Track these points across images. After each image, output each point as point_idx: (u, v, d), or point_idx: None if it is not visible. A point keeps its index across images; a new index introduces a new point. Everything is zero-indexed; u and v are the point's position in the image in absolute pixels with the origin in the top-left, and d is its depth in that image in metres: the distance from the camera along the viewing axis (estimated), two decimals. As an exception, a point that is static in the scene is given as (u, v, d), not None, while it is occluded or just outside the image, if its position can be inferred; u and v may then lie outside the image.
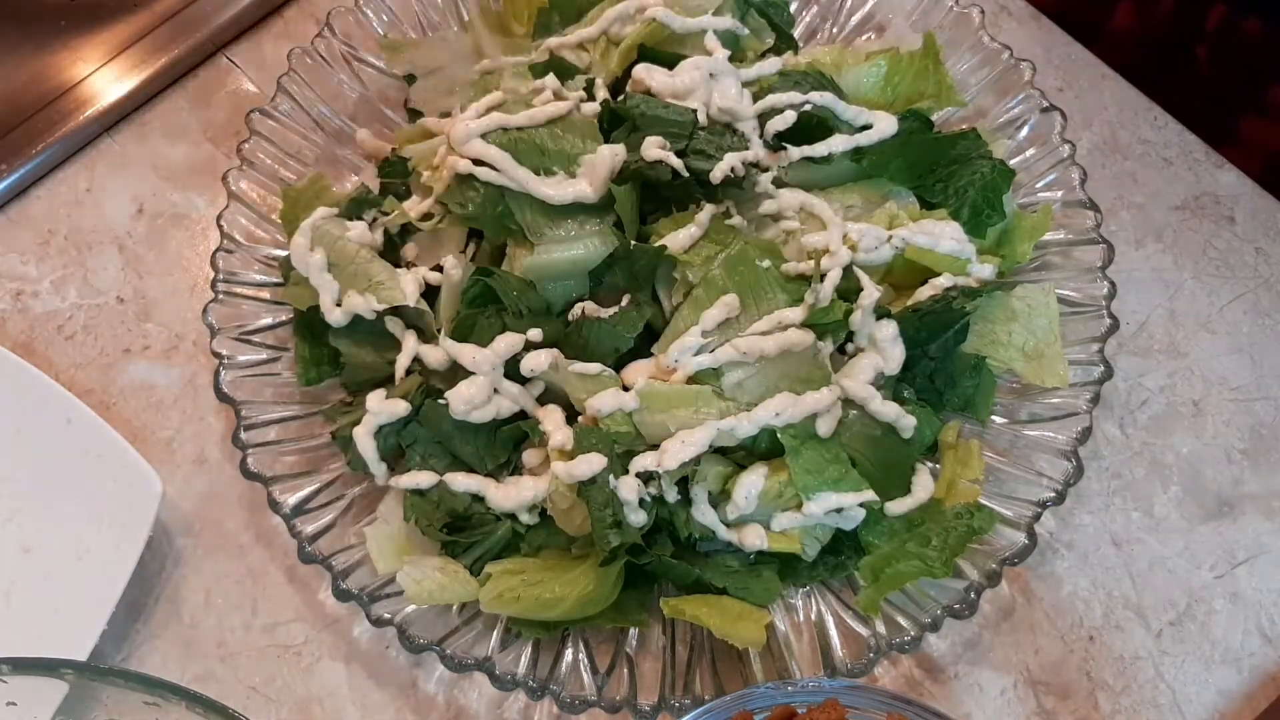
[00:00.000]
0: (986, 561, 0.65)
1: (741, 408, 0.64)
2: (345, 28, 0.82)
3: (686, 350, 0.65)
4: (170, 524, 0.72)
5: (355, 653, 0.69)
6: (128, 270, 0.81)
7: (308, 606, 0.70)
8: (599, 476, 0.62)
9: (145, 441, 0.75)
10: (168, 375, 0.78)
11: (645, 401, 0.64)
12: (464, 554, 0.66)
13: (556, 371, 0.66)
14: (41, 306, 0.80)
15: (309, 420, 0.72)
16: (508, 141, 0.67)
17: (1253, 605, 0.69)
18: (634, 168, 0.67)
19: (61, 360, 0.78)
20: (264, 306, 0.74)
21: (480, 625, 0.66)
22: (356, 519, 0.69)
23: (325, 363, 0.72)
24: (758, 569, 0.65)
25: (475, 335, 0.67)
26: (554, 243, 0.68)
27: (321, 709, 0.68)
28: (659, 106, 0.69)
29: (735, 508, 0.63)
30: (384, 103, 0.82)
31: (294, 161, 0.79)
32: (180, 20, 0.87)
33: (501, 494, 0.65)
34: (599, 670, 0.65)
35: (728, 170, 0.66)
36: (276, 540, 0.72)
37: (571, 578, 0.63)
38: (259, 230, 0.76)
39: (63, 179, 0.85)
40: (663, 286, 0.68)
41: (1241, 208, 0.81)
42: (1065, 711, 0.67)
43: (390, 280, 0.69)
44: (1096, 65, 0.86)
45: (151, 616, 0.70)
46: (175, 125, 0.86)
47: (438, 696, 0.68)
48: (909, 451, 0.66)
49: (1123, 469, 0.73)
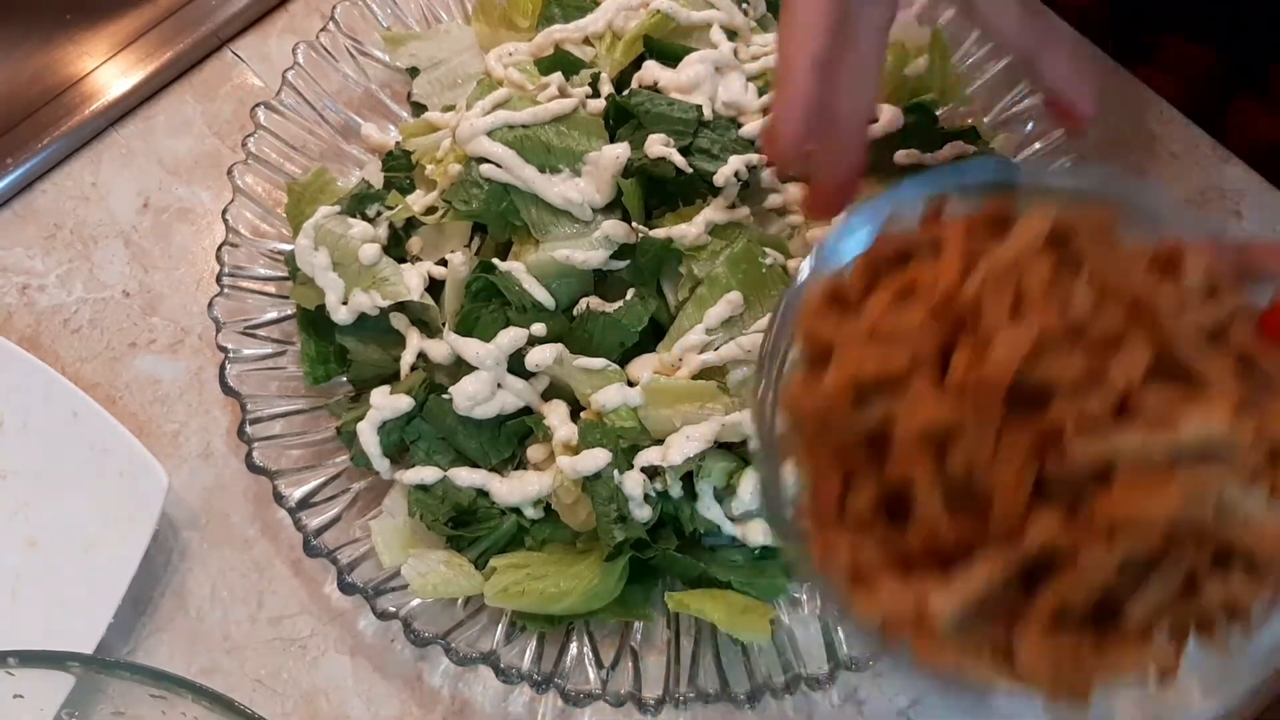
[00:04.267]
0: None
1: (746, 404, 0.64)
2: (350, 21, 0.81)
3: (691, 348, 0.65)
4: (176, 517, 0.73)
5: (361, 646, 0.69)
6: (133, 264, 0.81)
7: (313, 600, 0.71)
8: (604, 471, 0.62)
9: (151, 435, 0.75)
10: (173, 369, 0.78)
11: (650, 397, 0.64)
12: (469, 548, 0.66)
13: (561, 366, 0.66)
14: (47, 300, 0.80)
15: (314, 414, 0.72)
16: (513, 139, 0.67)
17: (1258, 600, 0.69)
18: (638, 165, 0.67)
19: (67, 354, 0.78)
20: (269, 301, 0.75)
21: (485, 619, 0.66)
22: (362, 513, 0.69)
23: (332, 360, 0.72)
24: (763, 564, 0.65)
25: (479, 330, 0.67)
26: (559, 239, 0.68)
27: (327, 702, 0.68)
28: (664, 103, 0.69)
29: (740, 503, 0.63)
30: (388, 96, 0.82)
31: (299, 155, 0.79)
32: (185, 14, 0.87)
33: (506, 489, 0.65)
34: (603, 664, 0.65)
35: (731, 175, 0.66)
36: (282, 534, 0.72)
37: (576, 572, 0.63)
38: (264, 224, 0.77)
39: (68, 173, 0.85)
40: (668, 281, 0.68)
41: (1248, 202, 0.81)
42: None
43: (395, 276, 0.69)
44: (1103, 58, 0.86)
45: (157, 610, 0.71)
46: (180, 119, 0.86)
47: (443, 689, 0.68)
48: (914, 446, 0.65)
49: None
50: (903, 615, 0.41)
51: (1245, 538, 0.41)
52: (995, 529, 0.41)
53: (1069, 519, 0.40)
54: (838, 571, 0.43)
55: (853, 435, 0.43)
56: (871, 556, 0.43)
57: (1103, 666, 0.42)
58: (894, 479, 0.42)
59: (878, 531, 0.43)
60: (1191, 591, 0.42)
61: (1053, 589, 0.41)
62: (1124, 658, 0.42)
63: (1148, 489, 0.39)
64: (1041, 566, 0.41)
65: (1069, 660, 0.41)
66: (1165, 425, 0.40)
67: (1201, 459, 0.40)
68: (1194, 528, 0.40)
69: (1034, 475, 0.40)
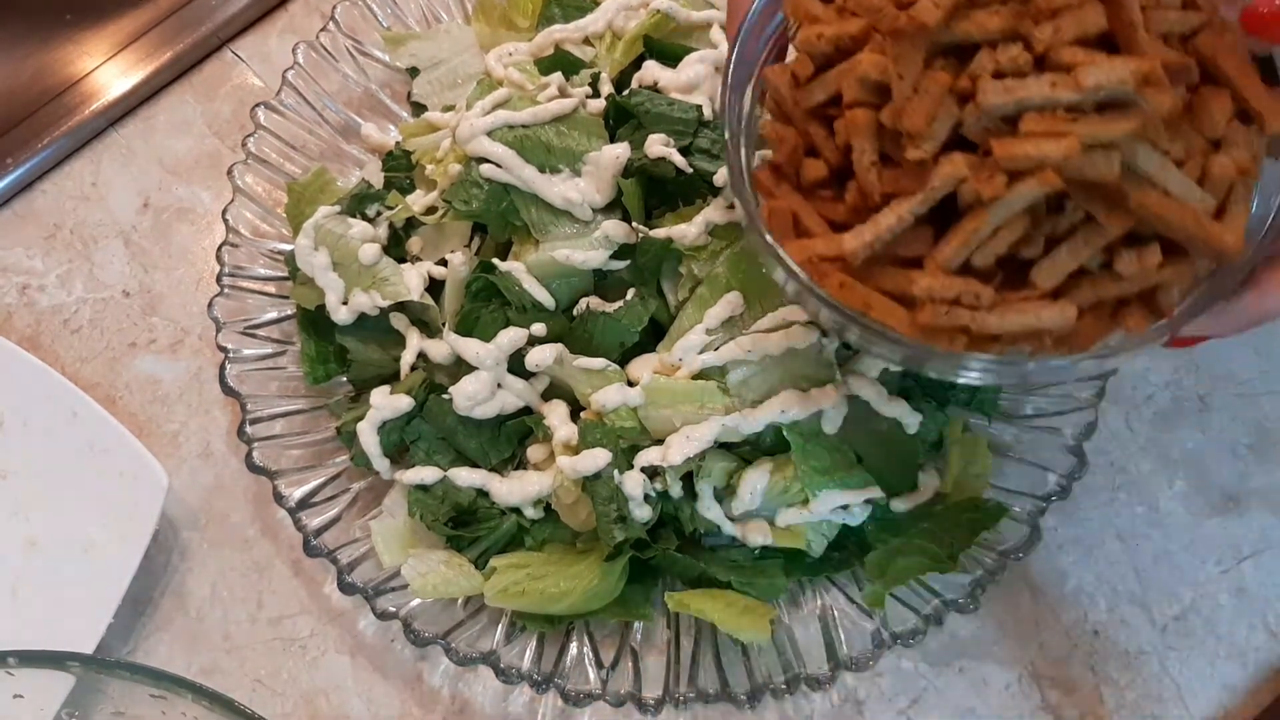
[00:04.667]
0: (991, 556, 0.65)
1: (746, 404, 0.64)
2: (350, 21, 0.81)
3: (691, 348, 0.65)
4: (176, 517, 0.73)
5: (361, 646, 0.69)
6: (133, 264, 0.81)
7: (313, 600, 0.71)
8: (604, 471, 0.62)
9: (151, 435, 0.75)
10: (173, 369, 0.78)
11: (650, 397, 0.64)
12: (469, 548, 0.66)
13: (561, 366, 0.66)
14: (47, 300, 0.80)
15: (314, 414, 0.72)
16: (513, 139, 0.67)
17: (1258, 600, 0.69)
18: (638, 165, 0.67)
19: (67, 354, 0.78)
20: (269, 301, 0.75)
21: (485, 619, 0.66)
22: (362, 513, 0.69)
23: (332, 360, 0.72)
24: (763, 564, 0.65)
25: (479, 330, 0.67)
26: (559, 239, 0.68)
27: (327, 702, 0.68)
28: (663, 103, 0.69)
29: (740, 503, 0.63)
30: (388, 96, 0.82)
31: (299, 155, 0.79)
32: (185, 14, 0.87)
33: (506, 489, 0.65)
34: (603, 664, 0.65)
35: None
36: (282, 534, 0.72)
37: (576, 572, 0.63)
38: (264, 224, 0.77)
39: (68, 173, 0.85)
40: (668, 281, 0.68)
41: (1248, 202, 0.81)
42: (1069, 706, 0.67)
43: (395, 276, 0.69)
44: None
45: (157, 610, 0.71)
46: (180, 119, 0.86)
47: (443, 690, 0.68)
48: (915, 447, 0.65)
49: (1128, 463, 0.73)
50: (825, 254, 0.48)
51: (1155, 207, 0.43)
52: (911, 175, 0.45)
53: (977, 166, 0.44)
54: (780, 226, 0.50)
55: (811, 104, 0.50)
56: (811, 221, 0.50)
57: (1000, 316, 0.45)
58: (841, 144, 0.48)
59: (819, 204, 0.50)
60: (1109, 270, 0.45)
61: (957, 230, 0.45)
62: (1023, 312, 0.45)
63: (1048, 135, 0.42)
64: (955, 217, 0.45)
65: (969, 300, 0.45)
66: (1077, 79, 0.43)
67: (1110, 117, 0.43)
68: (1098, 182, 0.43)
69: (950, 120, 0.45)
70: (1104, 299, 0.46)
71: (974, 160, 0.44)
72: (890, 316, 0.47)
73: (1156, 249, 0.45)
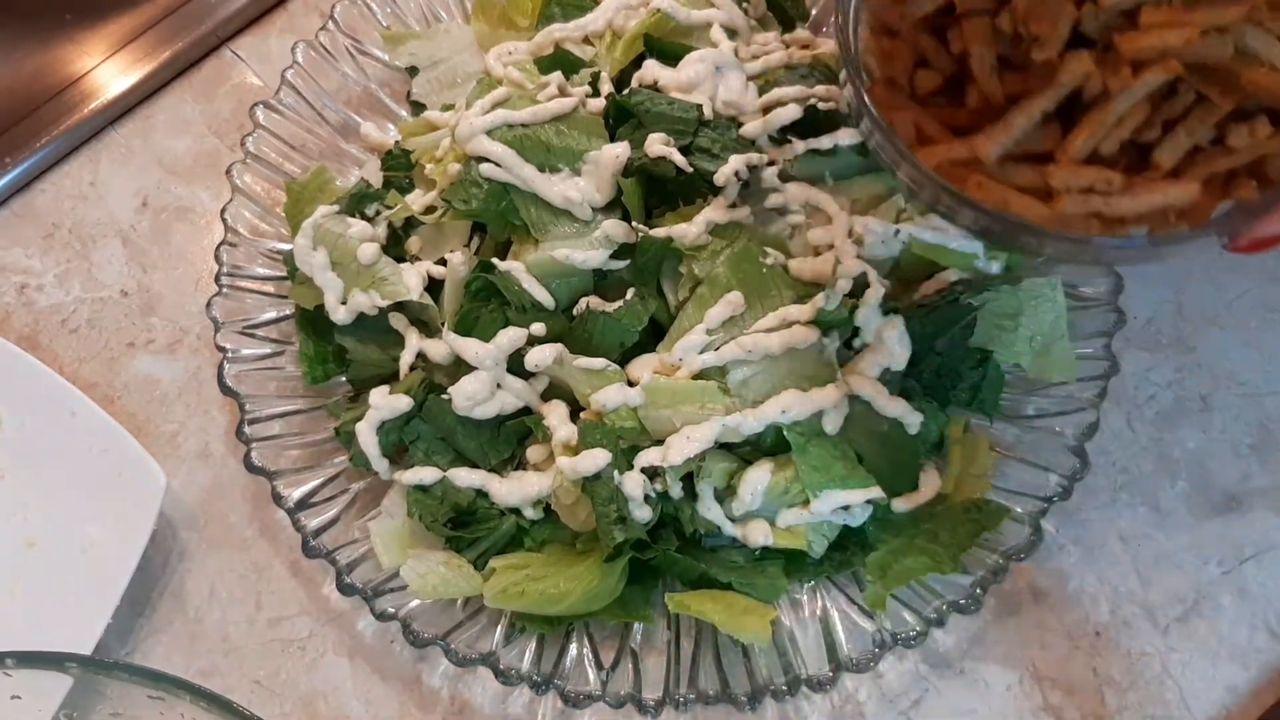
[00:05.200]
0: (992, 557, 0.64)
1: (747, 404, 0.63)
2: (349, 20, 0.81)
3: (691, 348, 0.64)
4: (174, 518, 0.72)
5: (360, 647, 0.69)
6: (132, 264, 0.81)
7: (312, 601, 0.70)
8: (603, 472, 0.62)
9: (149, 435, 0.75)
10: (172, 369, 0.78)
11: (650, 397, 0.64)
12: (468, 549, 0.66)
13: (561, 366, 0.66)
14: (46, 300, 0.80)
15: (313, 414, 0.71)
16: (513, 138, 0.67)
17: (1260, 601, 0.69)
18: (638, 164, 0.67)
19: (66, 354, 0.78)
20: (268, 300, 0.74)
21: (484, 620, 0.66)
22: (361, 513, 0.69)
23: (331, 360, 0.72)
24: (763, 565, 0.65)
25: (478, 330, 0.67)
26: (559, 239, 0.67)
27: (326, 703, 0.68)
28: (664, 102, 0.68)
29: (741, 504, 0.63)
30: (388, 95, 0.82)
31: (298, 155, 0.78)
32: (184, 13, 0.87)
33: (505, 489, 0.65)
34: (603, 665, 0.65)
35: (731, 175, 0.66)
36: (281, 535, 0.72)
37: (576, 573, 0.63)
38: (263, 224, 0.76)
39: (67, 172, 0.84)
40: (668, 280, 0.68)
41: (1250, 201, 0.81)
42: (1071, 707, 0.67)
43: (394, 276, 0.69)
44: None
45: (156, 610, 0.70)
46: (179, 119, 0.86)
47: (442, 691, 0.68)
48: (916, 448, 0.65)
49: (1130, 464, 0.72)
50: (958, 159, 0.51)
51: (1265, 81, 0.48)
52: (1035, 75, 0.49)
53: (1101, 60, 0.48)
54: (906, 137, 0.53)
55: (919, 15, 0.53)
56: (932, 129, 0.53)
57: (1130, 198, 0.49)
58: (957, 52, 0.52)
59: (939, 111, 0.53)
60: (1221, 145, 0.49)
61: (1085, 122, 0.49)
62: (1152, 191, 0.49)
63: (1169, 25, 0.47)
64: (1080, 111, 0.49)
65: (1101, 187, 0.49)
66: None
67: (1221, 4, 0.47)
68: (1214, 65, 0.47)
69: (1070, 20, 0.49)
70: (1216, 172, 0.50)
71: (1096, 55, 0.49)
72: (1029, 209, 0.50)
73: (1265, 121, 0.49)
